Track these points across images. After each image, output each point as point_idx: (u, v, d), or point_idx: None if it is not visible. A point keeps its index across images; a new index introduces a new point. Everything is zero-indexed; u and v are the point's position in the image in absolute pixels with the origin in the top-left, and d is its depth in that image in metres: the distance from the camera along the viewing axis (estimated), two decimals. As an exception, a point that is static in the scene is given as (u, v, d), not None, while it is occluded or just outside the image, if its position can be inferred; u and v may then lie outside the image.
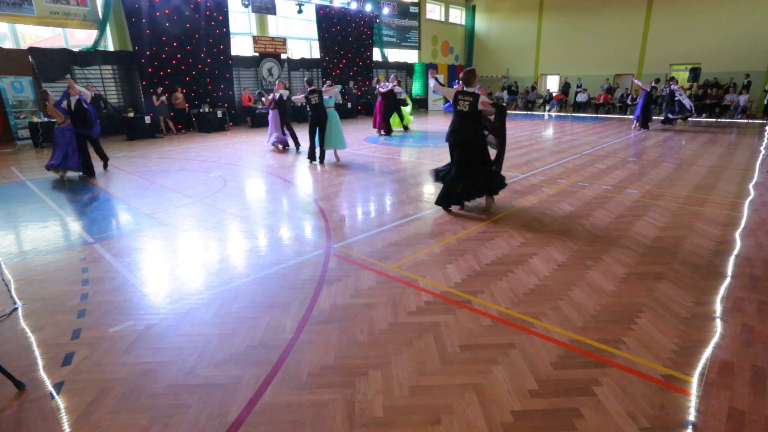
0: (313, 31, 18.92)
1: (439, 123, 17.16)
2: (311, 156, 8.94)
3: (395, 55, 23.51)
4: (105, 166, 8.74)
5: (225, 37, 15.43)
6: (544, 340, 2.82)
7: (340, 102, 16.51)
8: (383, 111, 13.33)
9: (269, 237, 4.86)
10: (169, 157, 10.03)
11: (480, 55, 26.69)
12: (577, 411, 2.21)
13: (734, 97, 16.93)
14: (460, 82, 5.41)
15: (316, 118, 8.62)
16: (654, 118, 15.46)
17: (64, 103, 7.75)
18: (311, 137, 8.83)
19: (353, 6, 19.40)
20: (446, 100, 10.28)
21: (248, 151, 10.73)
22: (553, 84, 24.44)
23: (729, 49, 18.11)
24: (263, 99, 11.31)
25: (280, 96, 10.27)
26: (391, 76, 9.77)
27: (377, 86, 13.60)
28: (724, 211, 5.51)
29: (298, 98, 8.79)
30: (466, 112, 5.22)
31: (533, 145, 11.20)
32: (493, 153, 5.59)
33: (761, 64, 17.63)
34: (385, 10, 21.34)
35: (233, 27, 15.80)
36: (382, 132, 13.36)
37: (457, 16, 26.55)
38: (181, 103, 14.37)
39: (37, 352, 2.77)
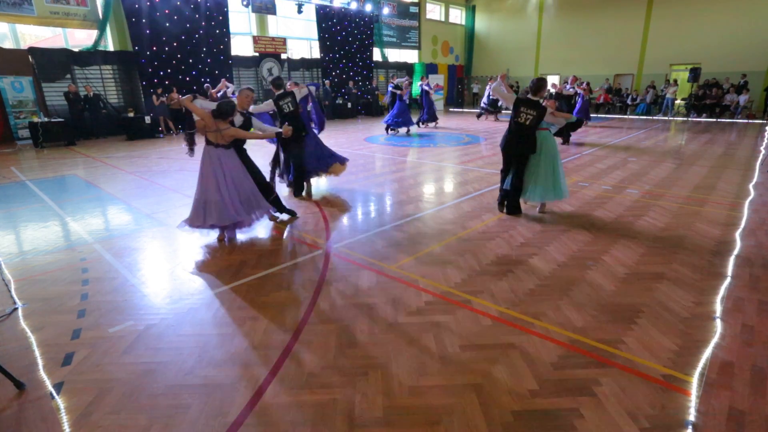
0: (313, 31, 18.92)
1: (439, 122, 17.15)
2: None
3: (395, 55, 23.51)
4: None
5: (225, 37, 15.42)
6: (544, 340, 2.82)
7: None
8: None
9: (269, 237, 4.86)
10: (169, 157, 10.03)
11: (480, 55, 26.69)
12: (577, 411, 2.21)
13: (734, 97, 16.93)
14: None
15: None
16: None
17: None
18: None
19: (353, 6, 19.40)
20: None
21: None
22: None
23: (729, 49, 18.11)
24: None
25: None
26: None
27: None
28: (724, 211, 5.51)
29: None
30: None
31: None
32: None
33: (761, 64, 17.62)
34: (385, 10, 21.34)
35: (233, 27, 15.79)
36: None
37: (457, 16, 26.55)
38: (176, 105, 14.32)
39: (37, 352, 2.77)
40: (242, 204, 4.50)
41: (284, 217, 5.35)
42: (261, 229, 5.05)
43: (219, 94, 9.39)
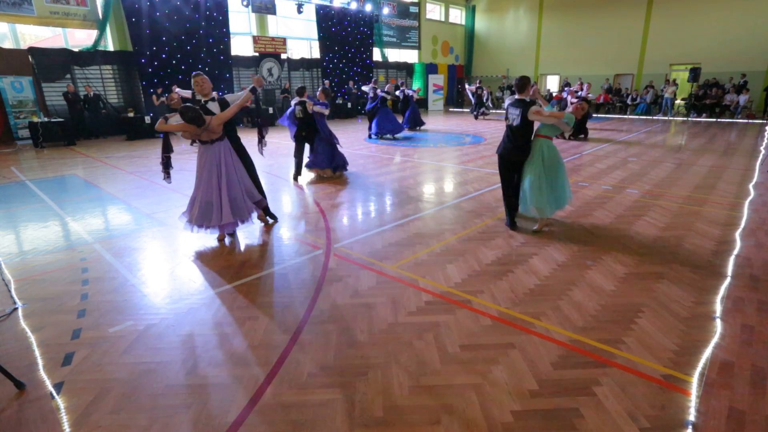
0: (313, 31, 18.93)
1: (439, 123, 17.18)
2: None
3: (395, 55, 23.51)
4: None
5: (225, 37, 15.43)
6: (544, 340, 2.82)
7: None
8: None
9: (269, 237, 4.86)
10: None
11: (480, 55, 26.69)
12: (577, 411, 2.21)
13: (734, 97, 16.93)
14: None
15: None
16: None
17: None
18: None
19: (353, 6, 19.40)
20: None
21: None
22: (553, 84, 24.43)
23: (729, 49, 18.11)
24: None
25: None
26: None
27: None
28: (724, 211, 5.51)
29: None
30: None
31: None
32: None
33: (761, 64, 17.62)
34: (385, 10, 21.35)
35: (233, 27, 15.80)
36: None
37: (457, 16, 26.55)
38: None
39: (37, 352, 2.77)
40: (233, 202, 4.49)
41: (268, 219, 5.31)
42: (261, 230, 5.06)
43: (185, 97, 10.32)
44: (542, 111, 4.55)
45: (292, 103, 7.45)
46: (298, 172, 7.60)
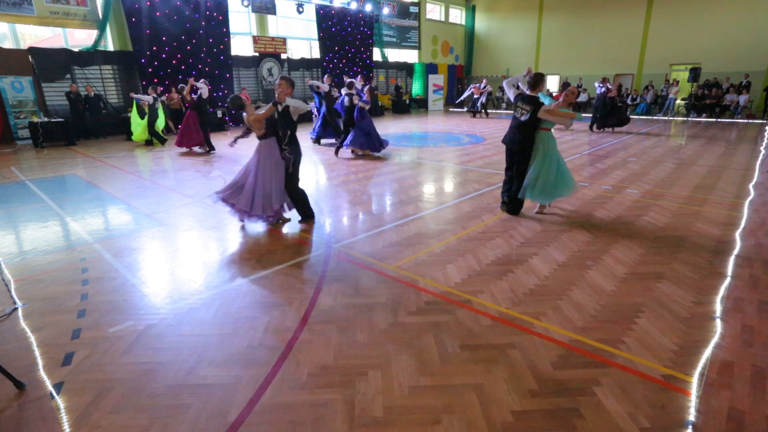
0: (313, 31, 18.92)
1: (439, 123, 17.18)
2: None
3: (395, 55, 23.51)
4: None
5: (225, 37, 15.42)
6: (544, 340, 2.82)
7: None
8: None
9: (269, 237, 4.86)
10: (170, 157, 10.03)
11: (480, 55, 26.70)
12: (577, 411, 2.21)
13: (734, 97, 16.93)
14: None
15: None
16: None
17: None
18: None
19: (353, 6, 19.39)
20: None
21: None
22: (553, 84, 24.41)
23: (729, 49, 18.11)
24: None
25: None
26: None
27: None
28: (724, 211, 5.51)
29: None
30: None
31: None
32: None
33: (761, 64, 17.62)
34: (385, 10, 21.34)
35: (233, 27, 15.79)
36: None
37: (457, 16, 26.56)
38: (176, 104, 14.29)
39: (37, 352, 2.77)
40: (264, 197, 4.86)
41: (300, 221, 5.25)
42: (261, 229, 5.06)
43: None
44: (555, 111, 4.84)
45: (343, 92, 9.32)
46: (336, 151, 9.73)
